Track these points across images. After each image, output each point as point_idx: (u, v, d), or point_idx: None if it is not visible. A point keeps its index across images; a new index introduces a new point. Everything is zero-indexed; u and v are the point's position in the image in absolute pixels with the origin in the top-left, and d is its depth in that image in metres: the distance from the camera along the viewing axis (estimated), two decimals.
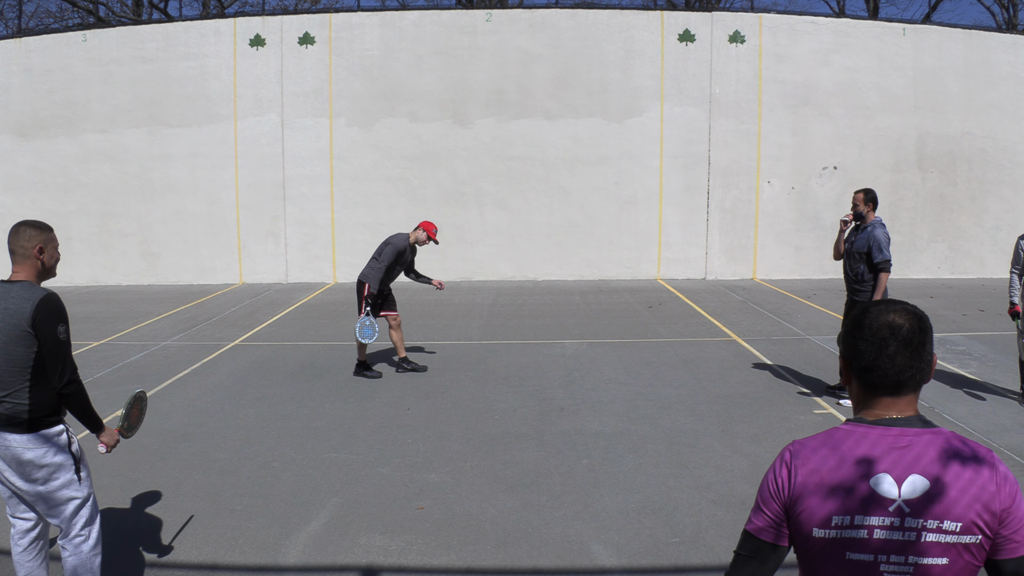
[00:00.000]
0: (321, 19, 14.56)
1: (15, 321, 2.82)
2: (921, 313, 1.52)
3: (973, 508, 1.40)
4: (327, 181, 14.65)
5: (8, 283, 2.91)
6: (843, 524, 1.43)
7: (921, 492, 1.41)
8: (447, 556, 3.85)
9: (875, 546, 1.42)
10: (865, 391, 1.53)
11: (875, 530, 1.42)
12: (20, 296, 2.84)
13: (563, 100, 14.53)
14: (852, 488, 1.43)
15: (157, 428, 5.82)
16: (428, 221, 7.50)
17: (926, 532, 1.40)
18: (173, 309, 11.60)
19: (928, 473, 1.42)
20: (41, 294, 2.86)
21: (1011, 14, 24.06)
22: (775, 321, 10.21)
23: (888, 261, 6.19)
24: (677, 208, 14.70)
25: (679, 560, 3.79)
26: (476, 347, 8.75)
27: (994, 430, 5.67)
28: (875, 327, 1.50)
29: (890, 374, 1.48)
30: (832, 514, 1.44)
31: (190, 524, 4.19)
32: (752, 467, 4.98)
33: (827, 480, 1.45)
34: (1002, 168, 14.89)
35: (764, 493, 1.53)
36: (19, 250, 2.93)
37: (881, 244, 6.18)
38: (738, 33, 14.46)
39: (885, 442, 1.46)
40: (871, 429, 1.48)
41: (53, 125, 14.67)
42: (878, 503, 1.42)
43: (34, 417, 2.88)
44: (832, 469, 1.45)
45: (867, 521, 1.42)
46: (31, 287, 2.89)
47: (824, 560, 1.46)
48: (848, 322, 1.57)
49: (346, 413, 6.26)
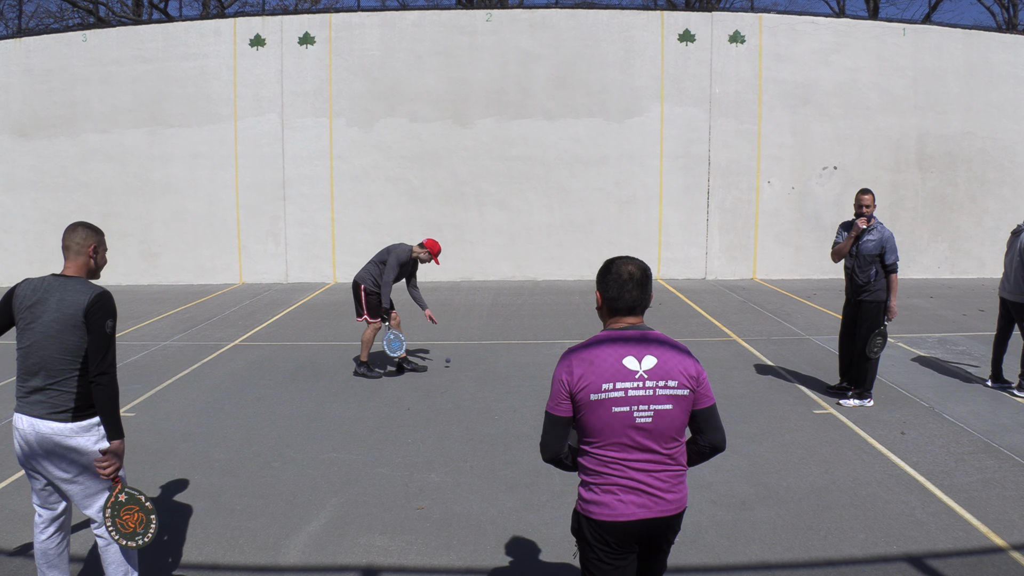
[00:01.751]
0: (321, 19, 14.55)
1: (71, 311, 2.99)
2: (645, 266, 2.49)
3: (682, 373, 2.38)
4: (327, 181, 14.65)
5: (64, 277, 3.09)
6: (609, 389, 2.35)
7: (653, 365, 2.37)
8: (447, 556, 3.85)
9: (630, 400, 2.35)
10: (612, 312, 2.49)
11: (628, 390, 2.35)
12: (77, 289, 3.04)
13: (563, 100, 14.53)
14: (613, 368, 2.36)
15: (157, 428, 5.82)
16: (434, 240, 7.44)
17: (658, 388, 2.36)
18: (173, 309, 11.60)
19: (655, 354, 2.40)
20: (98, 290, 3.06)
21: (1011, 14, 24.06)
22: (775, 321, 10.20)
23: (897, 262, 6.25)
24: (677, 208, 14.70)
25: (679, 560, 3.79)
26: (476, 347, 8.75)
27: (994, 430, 5.67)
28: (619, 274, 2.45)
29: (628, 302, 2.45)
30: (602, 383, 2.35)
31: (190, 524, 4.19)
32: (752, 467, 4.99)
33: (597, 366, 2.36)
34: (1002, 168, 14.89)
35: (556, 392, 2.42)
36: (74, 247, 3.12)
37: (895, 246, 6.25)
38: (738, 33, 14.46)
39: (630, 339, 2.43)
40: (621, 333, 2.45)
41: (53, 125, 14.67)
42: (629, 374, 2.36)
43: (78, 406, 3.02)
44: (600, 360, 2.38)
45: (623, 385, 2.35)
46: (86, 282, 3.09)
47: (600, 413, 2.36)
48: (600, 269, 2.51)
49: (346, 413, 6.25)
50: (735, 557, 3.82)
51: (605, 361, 2.38)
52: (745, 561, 3.78)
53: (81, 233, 3.12)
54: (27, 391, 3.05)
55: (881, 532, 4.06)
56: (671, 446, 2.43)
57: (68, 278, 3.08)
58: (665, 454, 2.42)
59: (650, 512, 2.42)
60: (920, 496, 4.52)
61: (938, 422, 5.89)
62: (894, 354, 8.13)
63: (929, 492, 4.57)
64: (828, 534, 4.04)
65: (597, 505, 2.44)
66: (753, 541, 3.98)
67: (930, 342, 8.77)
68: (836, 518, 4.23)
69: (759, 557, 3.82)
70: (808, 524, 4.16)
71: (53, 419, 2.99)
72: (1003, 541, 3.94)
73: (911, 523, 4.16)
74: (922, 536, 4.01)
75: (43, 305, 3.03)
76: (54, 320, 3.00)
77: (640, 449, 2.39)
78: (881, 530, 4.08)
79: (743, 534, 4.06)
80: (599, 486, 2.43)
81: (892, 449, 5.30)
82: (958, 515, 4.26)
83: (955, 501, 4.43)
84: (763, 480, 4.77)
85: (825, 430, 5.72)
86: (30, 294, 3.06)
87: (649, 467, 2.41)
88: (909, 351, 8.31)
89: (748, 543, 3.96)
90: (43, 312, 3.02)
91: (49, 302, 3.02)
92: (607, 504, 2.42)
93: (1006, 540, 3.95)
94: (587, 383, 2.36)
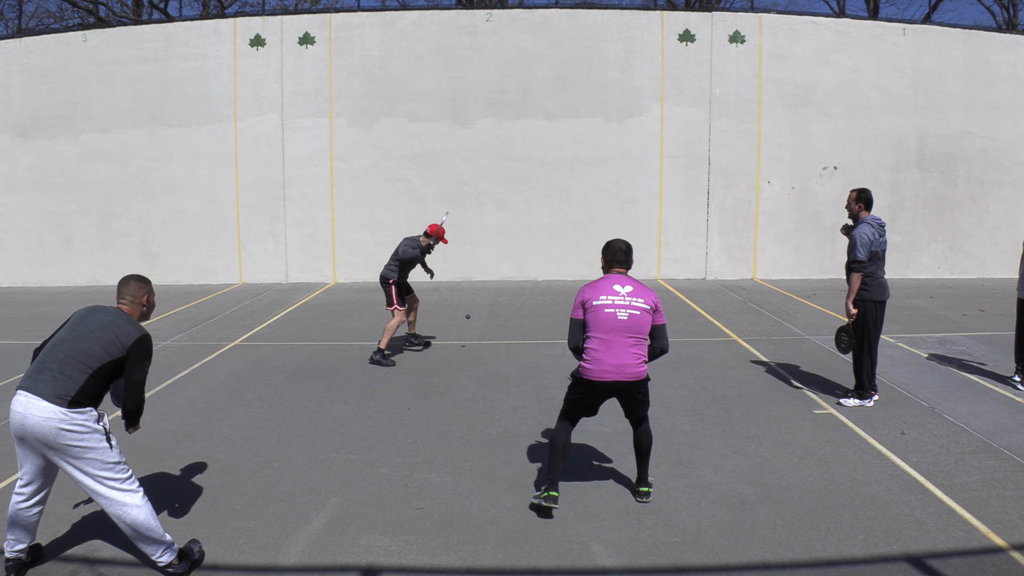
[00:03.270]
0: (321, 19, 14.56)
1: (114, 334, 3.51)
2: (629, 243, 4.41)
3: (648, 299, 4.21)
4: (327, 181, 14.65)
5: (119, 310, 3.68)
6: (605, 301, 4.18)
7: (630, 290, 4.21)
8: (447, 556, 3.85)
9: (615, 307, 4.16)
10: (609, 266, 4.38)
11: (615, 301, 4.18)
12: (128, 321, 3.61)
13: (563, 100, 14.53)
14: (607, 290, 4.22)
15: (157, 428, 5.82)
16: (433, 224, 8.31)
17: (632, 302, 4.17)
18: (173, 309, 11.60)
19: (632, 285, 4.25)
20: (144, 331, 3.62)
21: (1011, 14, 24.05)
22: (775, 321, 10.20)
23: (859, 262, 6.04)
24: (677, 208, 14.70)
25: (679, 560, 3.79)
26: (476, 347, 8.75)
27: (994, 430, 5.67)
28: (614, 245, 4.39)
29: (610, 259, 4.38)
30: (600, 295, 4.20)
31: (190, 524, 4.19)
32: (752, 467, 4.99)
33: (598, 288, 4.24)
34: (1002, 168, 14.90)
35: (576, 305, 4.27)
36: (128, 295, 3.73)
37: (855, 243, 6.04)
38: (738, 33, 14.46)
39: (618, 277, 4.30)
40: (613, 275, 4.33)
41: (53, 125, 14.67)
42: (615, 293, 4.20)
43: (76, 399, 3.40)
44: (599, 285, 4.26)
45: (611, 299, 4.18)
46: (136, 322, 3.66)
47: (597, 314, 4.17)
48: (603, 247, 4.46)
49: (346, 413, 6.26)
50: (735, 557, 3.82)
51: (602, 286, 4.25)
52: (745, 561, 3.78)
53: (135, 284, 3.74)
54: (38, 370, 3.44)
55: (881, 532, 4.06)
56: (639, 338, 4.18)
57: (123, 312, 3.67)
58: (633, 342, 4.17)
59: (619, 376, 4.16)
60: (920, 496, 4.52)
61: (938, 422, 5.89)
62: (894, 354, 8.13)
63: (929, 492, 4.57)
64: (828, 534, 4.04)
65: (586, 369, 4.21)
66: (753, 541, 3.98)
67: (930, 342, 8.77)
68: (836, 518, 4.23)
69: (759, 557, 3.82)
70: (808, 524, 4.17)
71: (54, 402, 3.34)
72: (1003, 541, 3.94)
73: (911, 523, 4.16)
74: (922, 536, 4.01)
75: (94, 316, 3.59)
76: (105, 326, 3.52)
77: (619, 336, 4.15)
78: (881, 530, 4.08)
79: (743, 534, 4.06)
80: (591, 360, 4.18)
81: (892, 449, 5.30)
82: (958, 515, 4.26)
83: (955, 501, 4.43)
84: (763, 480, 4.78)
85: (825, 430, 5.72)
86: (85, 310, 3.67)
87: (622, 349, 4.15)
88: (909, 351, 8.31)
89: (748, 543, 3.96)
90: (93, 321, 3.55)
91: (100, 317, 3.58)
92: (591, 370, 4.19)
93: (1006, 540, 3.95)
94: (591, 296, 4.22)
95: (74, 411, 3.37)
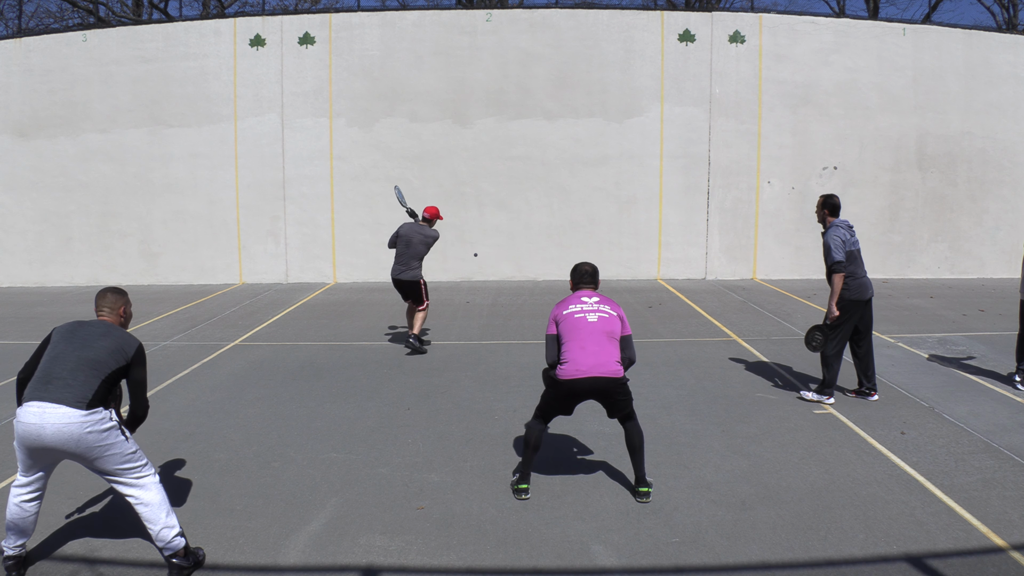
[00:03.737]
0: (321, 19, 14.56)
1: (116, 343, 3.66)
2: (595, 265, 4.87)
3: (614, 307, 4.57)
4: (327, 181, 14.65)
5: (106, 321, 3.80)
6: (575, 309, 4.51)
7: (596, 300, 4.56)
8: (447, 556, 3.85)
9: (584, 312, 4.48)
10: (576, 285, 4.77)
11: (583, 308, 4.51)
12: (124, 333, 3.76)
13: (563, 100, 14.53)
14: (575, 301, 4.56)
15: (157, 428, 5.82)
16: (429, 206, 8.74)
17: (599, 308, 4.52)
18: (173, 309, 11.60)
19: (597, 295, 4.64)
20: (139, 341, 3.78)
21: (1011, 14, 24.06)
22: (775, 321, 10.21)
23: (839, 263, 6.13)
24: (677, 208, 14.70)
25: (679, 560, 3.79)
26: (476, 347, 8.75)
27: (994, 430, 5.67)
28: (581, 268, 4.80)
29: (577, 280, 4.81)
30: (569, 305, 4.54)
31: (190, 524, 4.19)
32: (752, 467, 4.99)
33: (566, 302, 4.58)
34: (1002, 168, 14.89)
35: (550, 321, 4.56)
36: (107, 307, 3.86)
37: (830, 247, 6.17)
38: (738, 33, 14.46)
39: (586, 291, 4.68)
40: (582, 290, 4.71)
41: (53, 125, 14.67)
42: (583, 302, 4.55)
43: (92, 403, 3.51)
44: (569, 299, 4.61)
45: (579, 306, 4.52)
46: (127, 332, 3.79)
47: (568, 321, 4.46)
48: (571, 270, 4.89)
49: (346, 413, 6.26)
50: (735, 557, 3.82)
51: (571, 299, 4.59)
52: (745, 561, 3.78)
53: (111, 297, 3.86)
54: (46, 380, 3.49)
55: (881, 532, 4.06)
56: (612, 339, 4.43)
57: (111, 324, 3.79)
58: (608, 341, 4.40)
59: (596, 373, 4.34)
60: (920, 496, 4.52)
61: (938, 422, 5.89)
62: (894, 354, 8.13)
63: (929, 492, 4.57)
64: (828, 534, 4.04)
65: (563, 371, 4.38)
66: (753, 541, 3.98)
67: (930, 342, 8.77)
68: (836, 518, 4.23)
69: (759, 557, 3.82)
70: (808, 524, 4.17)
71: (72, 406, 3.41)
72: (1003, 541, 3.94)
73: (911, 523, 4.16)
74: (922, 536, 4.01)
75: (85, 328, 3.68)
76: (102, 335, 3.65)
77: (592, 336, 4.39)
78: (881, 530, 4.08)
79: (743, 534, 4.06)
80: (567, 361, 4.37)
81: (892, 449, 5.30)
82: (958, 515, 4.26)
83: (955, 501, 4.43)
84: (763, 480, 4.78)
85: (825, 430, 5.72)
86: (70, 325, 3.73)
87: (597, 348, 4.37)
88: (909, 351, 8.31)
89: (748, 543, 3.96)
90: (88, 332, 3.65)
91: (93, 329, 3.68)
92: (567, 370, 4.36)
93: (1006, 540, 3.95)
94: (561, 310, 4.53)
95: (92, 413, 3.47)
